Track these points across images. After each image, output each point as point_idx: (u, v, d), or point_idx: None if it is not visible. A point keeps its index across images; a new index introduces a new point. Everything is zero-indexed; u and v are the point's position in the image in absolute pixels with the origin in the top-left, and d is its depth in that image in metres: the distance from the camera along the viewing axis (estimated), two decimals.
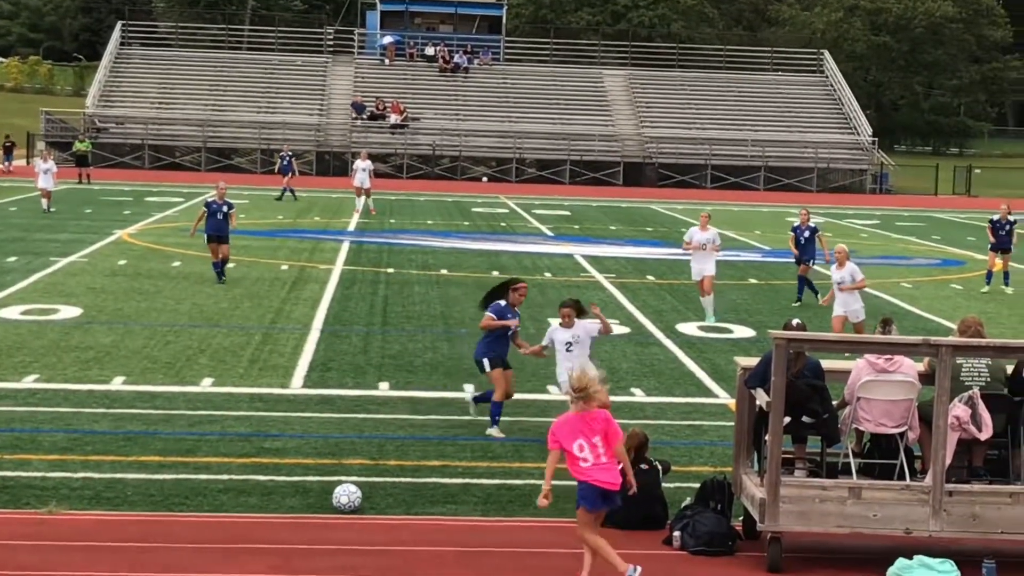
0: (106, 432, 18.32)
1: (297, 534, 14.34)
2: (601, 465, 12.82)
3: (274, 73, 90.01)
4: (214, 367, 22.79)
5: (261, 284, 33.14)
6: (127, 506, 15.10)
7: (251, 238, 43.28)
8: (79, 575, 12.91)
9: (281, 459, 17.25)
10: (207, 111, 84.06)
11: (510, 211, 59.64)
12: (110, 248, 39.68)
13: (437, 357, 24.23)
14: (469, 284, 33.52)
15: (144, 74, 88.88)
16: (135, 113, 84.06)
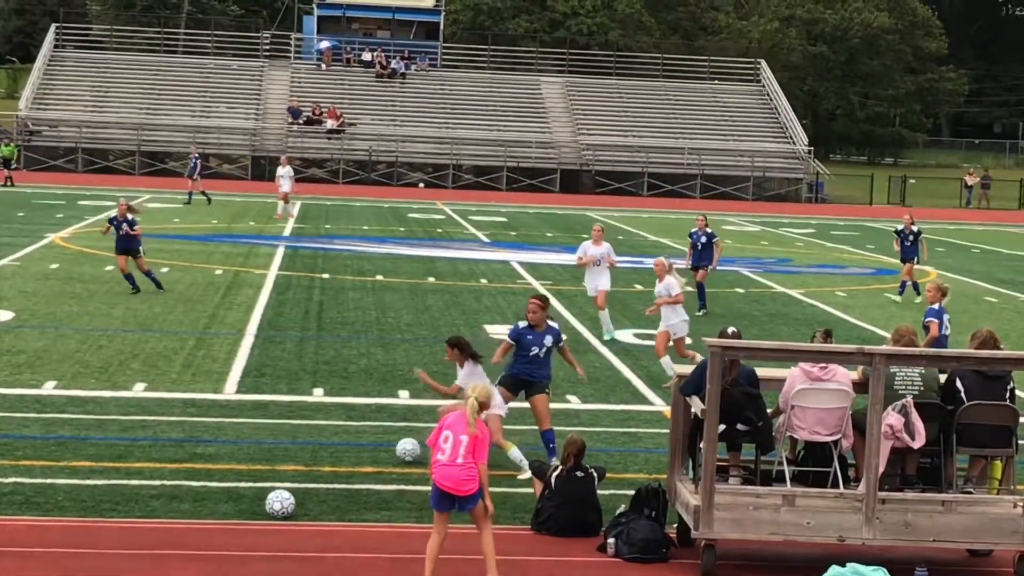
0: (36, 437, 18.19)
1: (230, 540, 14.29)
2: (454, 466, 12.83)
3: (210, 77, 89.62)
4: (147, 372, 22.66)
5: (195, 288, 33.00)
6: (58, 511, 15.01)
7: (185, 242, 43.16)
8: None
9: (214, 465, 17.18)
10: (142, 115, 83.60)
11: (446, 217, 59.65)
12: (42, 252, 39.42)
13: (372, 363, 24.19)
14: (404, 290, 33.54)
15: (78, 77, 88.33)
16: (69, 116, 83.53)
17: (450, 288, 34.97)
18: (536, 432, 17.86)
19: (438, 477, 12.95)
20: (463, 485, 12.87)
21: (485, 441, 13.05)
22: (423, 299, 32.54)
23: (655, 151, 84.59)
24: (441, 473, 12.90)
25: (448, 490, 12.88)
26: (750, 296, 36.37)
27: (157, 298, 31.04)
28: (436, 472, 12.98)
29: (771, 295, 36.98)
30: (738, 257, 45.56)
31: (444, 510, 13.03)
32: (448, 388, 17.57)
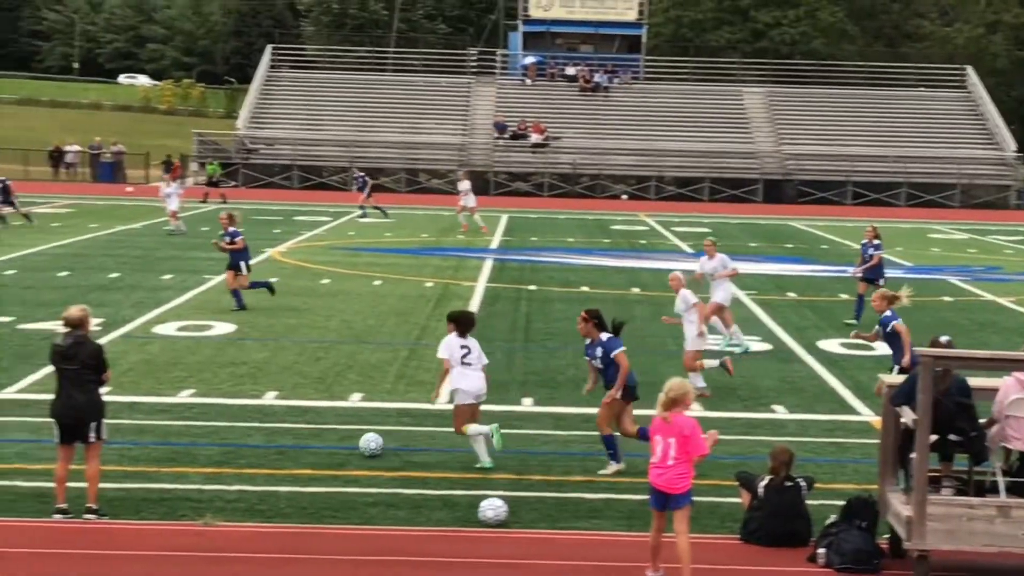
0: (259, 446, 18.53)
1: (445, 547, 14.40)
2: (665, 468, 13.31)
3: (418, 94, 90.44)
4: (362, 382, 22.93)
5: (407, 301, 33.32)
6: (280, 518, 15.25)
7: (397, 256, 43.64)
8: None
9: (429, 473, 17.34)
10: (353, 132, 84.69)
11: (650, 229, 59.45)
12: (261, 266, 40.03)
13: (580, 373, 24.03)
14: (610, 301, 33.44)
15: (293, 96, 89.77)
16: (284, 134, 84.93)
17: (654, 299, 34.84)
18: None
19: (652, 478, 13.45)
20: (674, 484, 13.30)
21: (692, 436, 13.30)
22: (629, 309, 32.42)
23: (859, 159, 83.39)
24: (654, 475, 13.40)
25: (661, 488, 13.34)
26: (958, 305, 35.68)
27: (371, 310, 31.42)
28: (650, 474, 13.48)
29: (980, 304, 36.26)
30: (945, 265, 44.81)
31: (659, 508, 13.45)
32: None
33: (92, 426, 15.05)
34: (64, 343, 15.25)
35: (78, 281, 34.97)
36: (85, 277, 35.87)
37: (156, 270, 37.65)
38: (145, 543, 14.21)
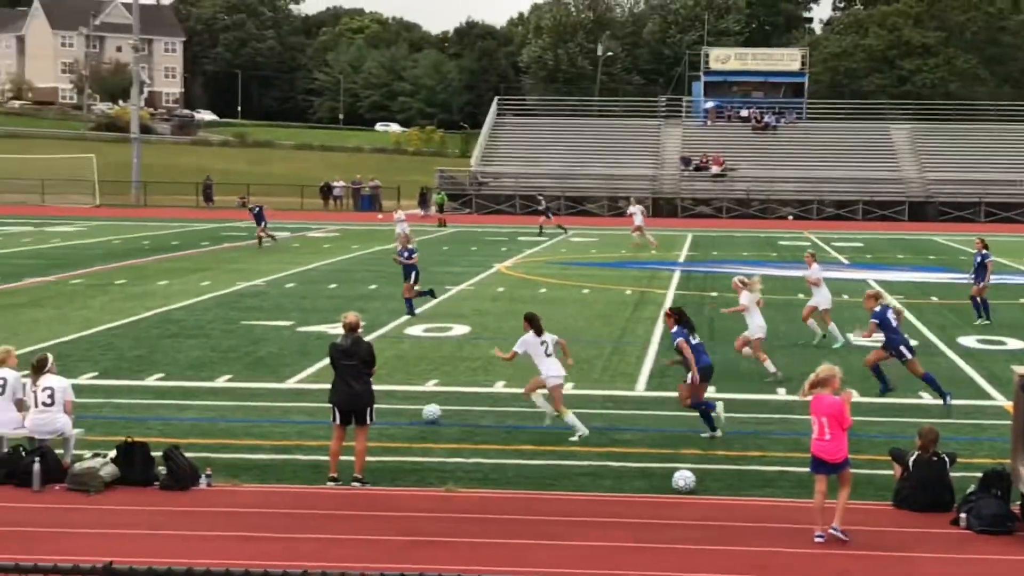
0: (490, 426, 18.68)
1: (644, 510, 14.37)
2: (824, 441, 13.38)
3: (618, 134, 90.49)
4: (574, 373, 22.84)
5: (610, 306, 33.30)
6: (508, 486, 15.36)
7: (601, 269, 43.63)
8: (473, 541, 13.18)
9: (630, 449, 17.32)
10: (564, 167, 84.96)
11: (812, 244, 58.55)
12: (491, 278, 40.44)
13: (754, 367, 23.87)
14: (780, 305, 33.01)
15: (515, 138, 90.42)
16: (508, 169, 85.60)
17: None
18: None
19: (815, 450, 13.47)
20: (834, 455, 13.34)
21: (840, 412, 13.32)
22: (796, 312, 32.00)
23: (990, 183, 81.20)
24: (816, 447, 13.45)
25: (822, 457, 13.42)
26: None
27: (580, 314, 31.46)
28: (813, 447, 13.49)
29: None
30: None
31: (822, 473, 13.45)
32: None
33: (367, 411, 15.35)
34: (344, 343, 15.57)
35: (344, 292, 35.60)
36: (350, 289, 36.50)
37: None
38: (400, 506, 14.41)
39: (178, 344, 25.70)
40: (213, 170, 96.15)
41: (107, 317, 29.42)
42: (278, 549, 12.64)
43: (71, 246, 50.52)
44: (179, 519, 13.66)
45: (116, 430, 16.99)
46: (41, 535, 12.95)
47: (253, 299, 33.74)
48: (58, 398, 15.60)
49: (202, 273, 39.76)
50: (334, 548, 12.76)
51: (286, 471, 15.83)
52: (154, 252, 47.75)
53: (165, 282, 37.20)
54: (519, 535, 13.37)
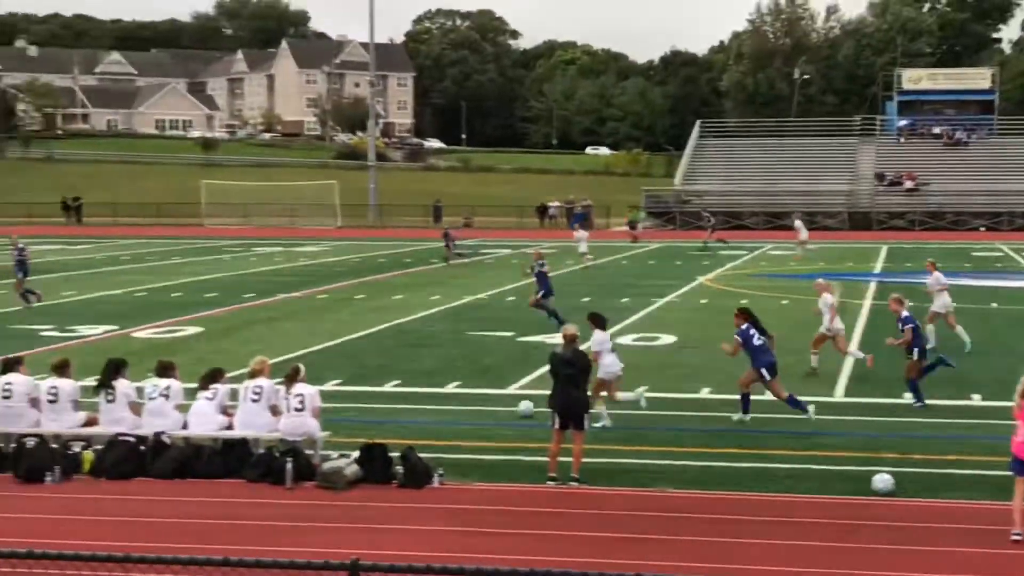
0: (697, 429, 18.52)
1: (845, 511, 14.05)
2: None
3: (814, 153, 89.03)
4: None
5: (808, 316, 32.59)
6: (716, 487, 15.18)
7: (799, 280, 42.88)
8: (682, 539, 13.08)
9: (831, 452, 16.96)
10: (763, 184, 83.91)
11: (1003, 254, 56.58)
12: (694, 290, 40.14)
13: (947, 374, 23.10)
14: (972, 313, 31.98)
15: (716, 158, 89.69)
16: (710, 188, 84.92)
17: (1010, 311, 33.18)
18: None
19: (1013, 448, 12.88)
20: None
21: None
22: (988, 320, 31.03)
23: None
24: (1015, 446, 12.84)
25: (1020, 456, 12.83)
26: None
27: (781, 323, 30.84)
28: (1014, 446, 12.89)
29: None
30: None
31: (1020, 474, 12.86)
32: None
33: (583, 416, 15.40)
34: (564, 353, 15.66)
35: (560, 304, 35.67)
36: (566, 301, 36.54)
37: (617, 295, 38.10)
38: (614, 505, 14.39)
39: (412, 353, 26.14)
40: (441, 193, 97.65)
41: (350, 329, 30.11)
42: (503, 544, 12.74)
43: (317, 264, 51.88)
44: (415, 515, 13.88)
45: (359, 432, 17.36)
46: (293, 529, 13.31)
47: (478, 311, 34.13)
48: (308, 404, 16.03)
49: (432, 288, 40.38)
50: (553, 543, 12.81)
51: (510, 471, 15.94)
52: (390, 269, 48.71)
53: (400, 296, 37.90)
54: (726, 534, 13.21)
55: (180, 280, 43.83)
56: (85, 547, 10.54)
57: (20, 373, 16.79)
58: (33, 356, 21.63)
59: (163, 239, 70.40)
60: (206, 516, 13.78)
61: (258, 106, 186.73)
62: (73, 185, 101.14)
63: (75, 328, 30.04)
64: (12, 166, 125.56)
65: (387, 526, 13.44)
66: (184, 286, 41.59)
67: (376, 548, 12.19)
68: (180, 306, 35.22)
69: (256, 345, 26.43)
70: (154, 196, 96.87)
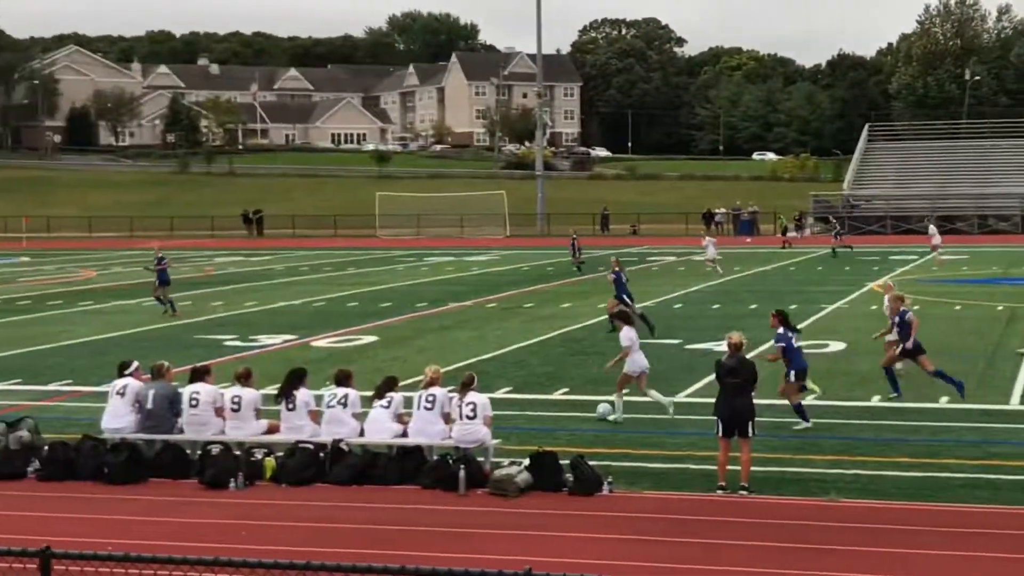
0: (868, 439, 18.17)
1: (1021, 523, 13.64)
2: None
3: (986, 155, 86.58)
4: (945, 388, 21.81)
5: (982, 322, 31.81)
6: (886, 496, 14.88)
7: (972, 285, 41.78)
8: (852, 549, 12.81)
9: (1005, 462, 16.48)
10: (934, 188, 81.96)
11: None
12: (864, 296, 39.36)
13: None
14: None
15: (885, 162, 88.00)
16: (879, 192, 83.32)
17: None
18: None
19: None
20: None
21: None
22: None
23: None
24: None
25: None
26: None
27: (953, 328, 30.15)
28: None
29: None
30: None
31: None
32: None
33: (749, 424, 15.26)
34: (729, 361, 15.55)
35: (727, 311, 35.45)
36: (732, 308, 36.31)
37: (784, 301, 37.41)
38: (783, 514, 14.21)
39: (580, 361, 26.20)
40: (607, 201, 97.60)
41: (519, 337, 30.31)
42: (672, 552, 12.70)
43: (486, 273, 52.36)
44: (585, 522, 13.92)
45: (529, 440, 17.48)
46: (466, 535, 13.47)
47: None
48: (479, 412, 16.21)
49: (599, 296, 40.33)
50: (721, 552, 12.72)
51: (679, 479, 15.86)
52: (557, 278, 48.88)
53: (568, 304, 38.02)
54: (897, 544, 12.93)
55: (356, 290, 44.69)
56: (267, 553, 10.86)
57: (207, 383, 17.34)
58: (217, 365, 22.30)
59: (339, 250, 71.83)
60: (382, 521, 14.04)
61: (429, 118, 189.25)
62: (253, 198, 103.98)
63: (256, 338, 30.85)
64: (196, 180, 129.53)
65: (558, 533, 13.51)
66: (360, 296, 42.40)
67: (547, 555, 12.27)
68: (356, 316, 35.92)
69: (429, 353, 26.78)
70: (330, 208, 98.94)
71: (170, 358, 19.17)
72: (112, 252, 72.13)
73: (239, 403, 17.05)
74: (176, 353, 24.89)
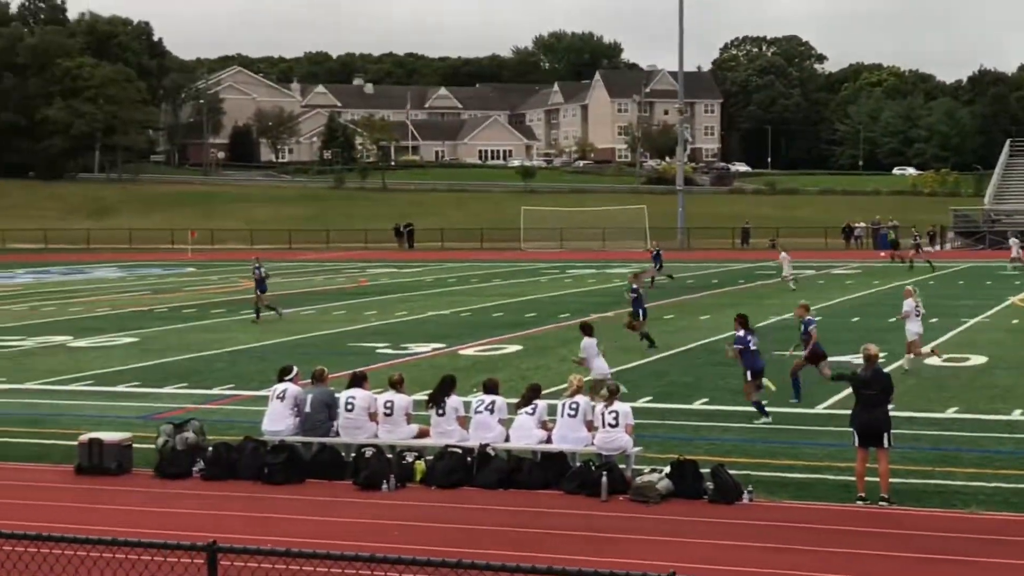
0: (1009, 452, 17.69)
1: None
2: None
3: None
4: None
5: None
6: None
7: None
8: (993, 561, 12.51)
9: None
10: None
11: None
12: (1005, 311, 38.32)
13: None
14: None
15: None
16: (1020, 207, 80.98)
17: None
18: None
19: None
20: None
21: None
22: None
23: None
24: None
25: None
26: None
27: None
28: None
29: None
30: None
31: None
32: None
33: (885, 436, 14.98)
34: (864, 373, 15.33)
35: (865, 324, 34.82)
36: (870, 322, 35.66)
37: (926, 316, 36.71)
38: (924, 525, 13.92)
39: (720, 371, 25.94)
40: (747, 216, 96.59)
41: (660, 348, 30.15)
42: (810, 561, 12.52)
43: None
44: (725, 530, 13.80)
45: (669, 448, 17.39)
46: (608, 540, 13.46)
47: (783, 332, 33.50)
48: (621, 420, 16.20)
49: (739, 308, 39.84)
50: (860, 562, 12.49)
51: (818, 489, 15.63)
52: (698, 290, 48.54)
53: (707, 316, 37.72)
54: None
55: (501, 301, 44.95)
56: (419, 551, 11.00)
57: (364, 389, 17.64)
58: (370, 372, 22.63)
59: (485, 262, 72.33)
60: (527, 525, 14.10)
61: (573, 135, 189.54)
62: (404, 212, 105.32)
63: (407, 345, 31.23)
64: (350, 195, 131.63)
65: (699, 540, 13.42)
66: (505, 307, 42.64)
67: (689, 561, 12.20)
68: (502, 325, 36.13)
69: (571, 363, 26.78)
70: (477, 222, 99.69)
71: (326, 364, 19.53)
72: (272, 263, 73.74)
73: (391, 408, 17.30)
74: (332, 359, 25.34)
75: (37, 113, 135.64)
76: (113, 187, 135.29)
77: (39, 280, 60.66)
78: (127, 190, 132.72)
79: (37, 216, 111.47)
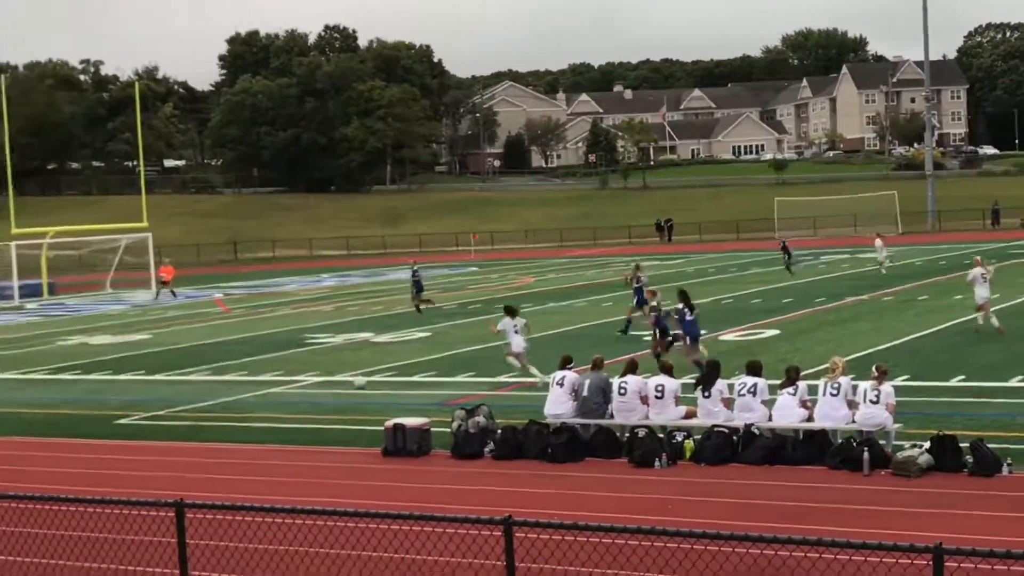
0: None
1: None
2: None
3: None
4: None
5: None
6: None
7: None
8: None
9: None
10: None
11: None
12: None
13: None
14: None
15: None
16: None
17: None
18: None
19: None
20: None
21: None
22: None
23: None
24: None
25: None
26: None
27: None
28: None
29: None
30: None
31: None
32: None
33: None
34: None
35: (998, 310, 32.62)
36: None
37: None
38: None
39: (976, 349, 24.91)
40: (997, 196, 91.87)
41: (914, 328, 29.15)
42: None
43: (881, 268, 50.46)
44: (987, 502, 13.27)
45: (927, 424, 16.81)
46: (871, 512, 13.13)
47: None
48: (882, 399, 15.79)
49: (993, 288, 38.07)
50: None
51: None
52: (950, 271, 46.55)
53: (961, 296, 36.13)
54: None
55: (759, 288, 44.24)
56: (693, 524, 11.03)
57: (635, 375, 17.79)
58: (640, 359, 22.68)
59: (742, 252, 71.29)
60: (792, 499, 13.91)
61: (822, 127, 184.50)
62: (663, 208, 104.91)
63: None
64: (613, 195, 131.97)
65: (960, 512, 12.95)
66: (762, 293, 41.95)
67: (953, 532, 11.80)
68: (760, 311, 35.59)
69: (828, 345, 26.22)
70: (732, 214, 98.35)
71: (601, 351, 19.69)
72: (546, 260, 74.73)
73: (662, 391, 17.36)
74: (605, 347, 25.54)
75: (336, 133, 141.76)
76: (403, 196, 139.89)
77: (342, 283, 63.33)
78: (415, 198, 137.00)
79: (340, 225, 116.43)
